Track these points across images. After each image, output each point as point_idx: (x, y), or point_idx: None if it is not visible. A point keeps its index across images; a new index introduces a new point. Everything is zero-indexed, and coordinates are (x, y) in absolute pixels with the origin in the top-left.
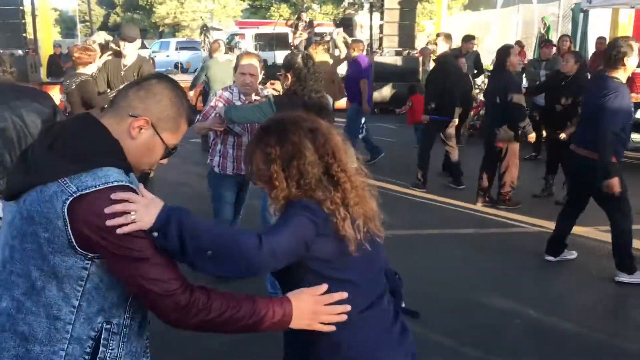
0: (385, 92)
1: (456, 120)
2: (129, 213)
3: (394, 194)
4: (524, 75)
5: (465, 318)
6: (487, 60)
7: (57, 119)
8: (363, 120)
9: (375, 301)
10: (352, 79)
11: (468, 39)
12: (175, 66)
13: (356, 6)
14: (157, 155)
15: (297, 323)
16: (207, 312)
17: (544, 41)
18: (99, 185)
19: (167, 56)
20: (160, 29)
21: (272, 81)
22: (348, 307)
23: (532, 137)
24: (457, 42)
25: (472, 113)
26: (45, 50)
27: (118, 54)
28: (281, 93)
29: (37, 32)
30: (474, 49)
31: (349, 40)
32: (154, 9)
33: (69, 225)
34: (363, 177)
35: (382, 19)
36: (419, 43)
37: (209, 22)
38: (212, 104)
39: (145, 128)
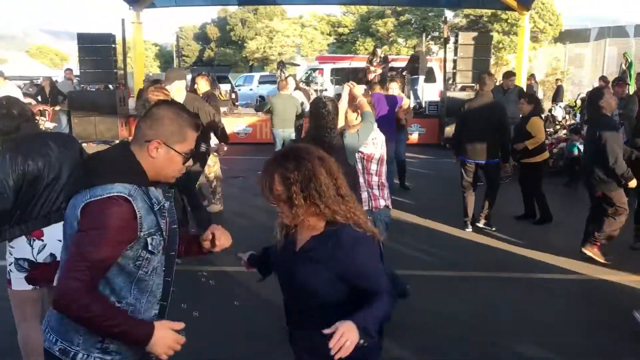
0: None
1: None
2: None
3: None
4: None
5: None
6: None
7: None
8: None
9: None
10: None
11: (508, 75)
12: (259, 99)
13: (441, 40)
14: (178, 164)
15: (152, 348)
16: (88, 311)
17: (616, 79)
18: (103, 195)
19: (251, 89)
20: (250, 63)
21: None
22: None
23: (632, 183)
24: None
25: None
26: (137, 84)
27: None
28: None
29: (126, 67)
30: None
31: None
32: (245, 44)
33: (79, 224)
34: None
35: (456, 54)
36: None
37: (297, 56)
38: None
39: (160, 147)
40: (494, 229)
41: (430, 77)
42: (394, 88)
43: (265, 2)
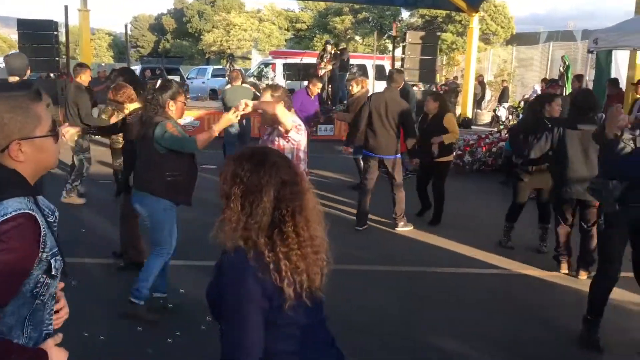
0: None
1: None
2: None
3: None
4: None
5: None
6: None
7: None
8: None
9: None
10: None
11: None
12: (210, 92)
13: (397, 39)
14: (52, 147)
15: None
16: None
17: (550, 81)
18: None
19: (203, 82)
20: (207, 56)
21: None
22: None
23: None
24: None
25: None
26: None
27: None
28: None
29: (69, 56)
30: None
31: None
32: (201, 37)
33: None
34: (321, 242)
35: (403, 52)
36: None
37: (253, 50)
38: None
39: (22, 146)
40: (411, 227)
41: (381, 75)
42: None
43: None
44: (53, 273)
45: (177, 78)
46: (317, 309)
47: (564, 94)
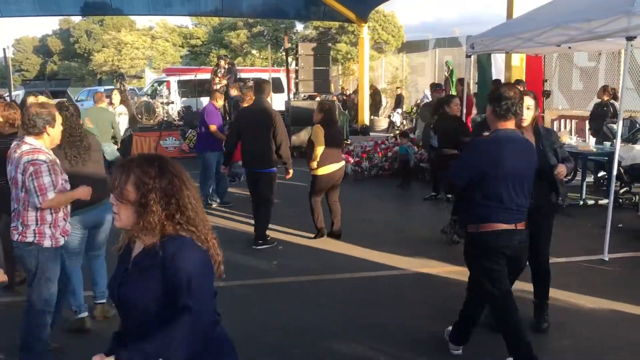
0: (303, 136)
1: None
2: None
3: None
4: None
5: None
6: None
7: None
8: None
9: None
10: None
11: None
12: None
13: (290, 51)
14: None
15: None
16: None
17: (434, 85)
18: None
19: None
20: (99, 77)
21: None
22: None
23: None
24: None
25: None
26: None
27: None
28: None
29: None
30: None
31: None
32: (91, 57)
33: None
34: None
35: (297, 64)
36: (352, 86)
37: (147, 69)
38: None
39: None
40: (278, 245)
41: (278, 88)
42: None
43: (109, 13)
44: None
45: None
46: None
47: None
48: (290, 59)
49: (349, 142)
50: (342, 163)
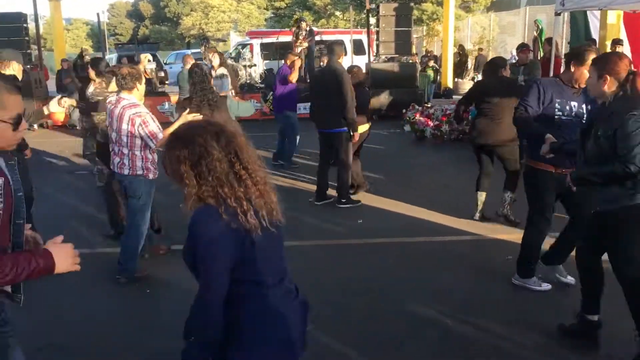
0: (382, 99)
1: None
2: None
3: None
4: None
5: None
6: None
7: None
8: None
9: (279, 280)
10: None
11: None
12: None
13: (376, 12)
14: (7, 132)
15: (61, 267)
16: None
17: (520, 46)
18: None
19: (182, 67)
20: (187, 40)
21: None
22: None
23: None
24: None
25: None
26: (57, 65)
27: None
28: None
29: (40, 47)
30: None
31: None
32: (180, 21)
33: None
34: (264, 174)
35: (377, 25)
36: (437, 48)
37: (234, 32)
38: None
39: None
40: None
41: (359, 50)
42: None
43: None
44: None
45: (153, 65)
46: (279, 237)
47: (538, 58)
48: (372, 20)
49: (429, 105)
50: (366, 126)
